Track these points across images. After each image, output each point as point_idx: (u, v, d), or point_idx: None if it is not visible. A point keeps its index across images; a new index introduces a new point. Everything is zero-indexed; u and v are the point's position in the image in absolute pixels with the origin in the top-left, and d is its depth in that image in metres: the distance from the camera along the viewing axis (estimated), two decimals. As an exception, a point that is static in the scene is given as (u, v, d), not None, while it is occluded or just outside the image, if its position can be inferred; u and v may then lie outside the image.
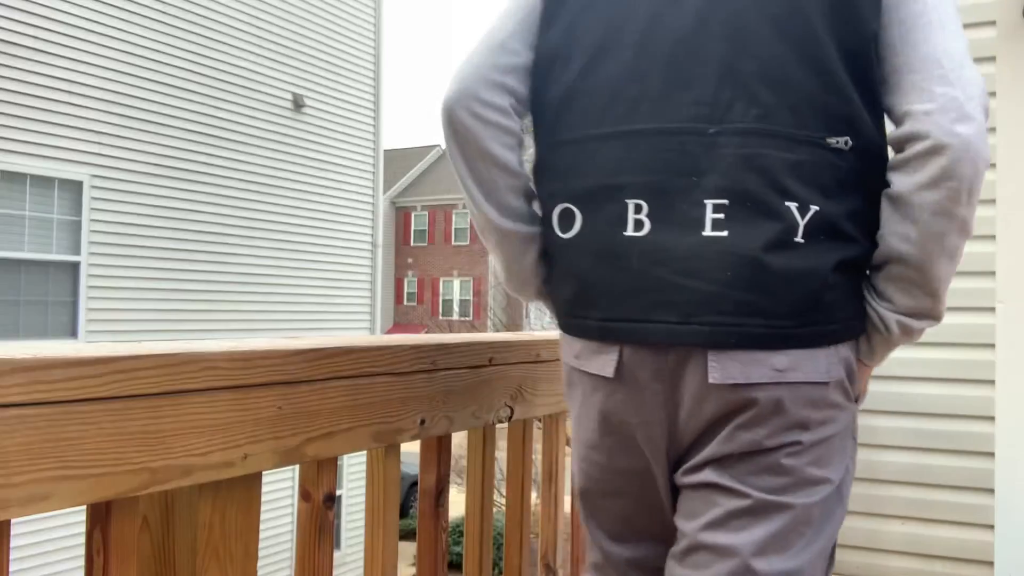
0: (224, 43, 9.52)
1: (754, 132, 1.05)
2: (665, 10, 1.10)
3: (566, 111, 1.15)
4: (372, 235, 11.55)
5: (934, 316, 1.10)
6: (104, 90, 8.30)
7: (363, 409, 1.13)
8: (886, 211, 1.07)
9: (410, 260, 33.56)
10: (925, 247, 1.05)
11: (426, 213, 33.50)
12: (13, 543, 0.81)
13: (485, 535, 1.46)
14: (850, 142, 1.05)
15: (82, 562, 0.94)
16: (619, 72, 1.11)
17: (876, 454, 2.53)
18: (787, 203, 1.04)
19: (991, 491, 2.41)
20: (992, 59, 2.43)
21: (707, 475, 1.09)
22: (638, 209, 1.09)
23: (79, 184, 8.14)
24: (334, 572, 1.14)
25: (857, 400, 1.16)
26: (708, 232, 1.05)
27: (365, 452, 1.20)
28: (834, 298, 1.07)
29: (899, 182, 1.05)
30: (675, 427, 1.11)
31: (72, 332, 8.10)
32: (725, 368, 1.05)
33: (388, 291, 32.14)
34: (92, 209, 8.23)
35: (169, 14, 8.91)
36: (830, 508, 1.10)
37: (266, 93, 10.04)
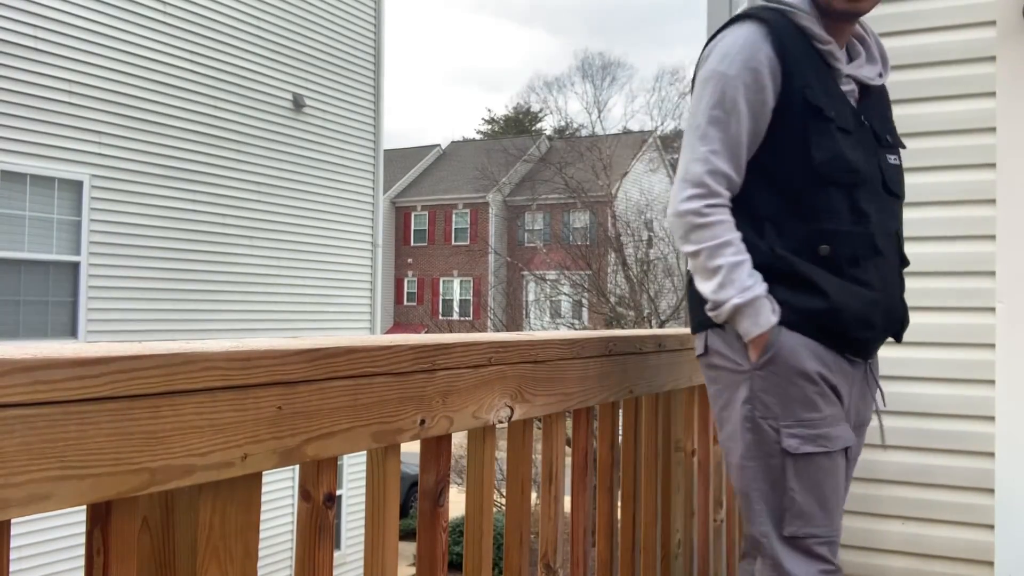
0: (224, 43, 9.52)
1: None
2: None
3: None
4: (372, 235, 11.55)
5: (707, 298, 1.64)
6: (104, 90, 8.31)
7: (363, 409, 1.13)
8: None
9: (410, 260, 33.56)
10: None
11: (426, 213, 33.49)
12: (13, 543, 0.81)
13: (485, 535, 1.46)
14: None
15: (82, 562, 0.94)
16: None
17: (876, 454, 2.53)
18: None
19: (991, 491, 2.41)
20: (992, 59, 2.43)
21: None
22: None
23: (79, 184, 8.15)
24: (334, 572, 1.14)
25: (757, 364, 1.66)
26: None
27: (365, 452, 1.20)
28: (692, 303, 1.75)
29: None
30: None
31: (72, 332, 8.11)
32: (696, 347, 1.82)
33: (388, 291, 32.14)
34: (92, 209, 8.23)
35: (169, 14, 8.92)
36: (735, 439, 1.67)
37: (266, 93, 10.04)
